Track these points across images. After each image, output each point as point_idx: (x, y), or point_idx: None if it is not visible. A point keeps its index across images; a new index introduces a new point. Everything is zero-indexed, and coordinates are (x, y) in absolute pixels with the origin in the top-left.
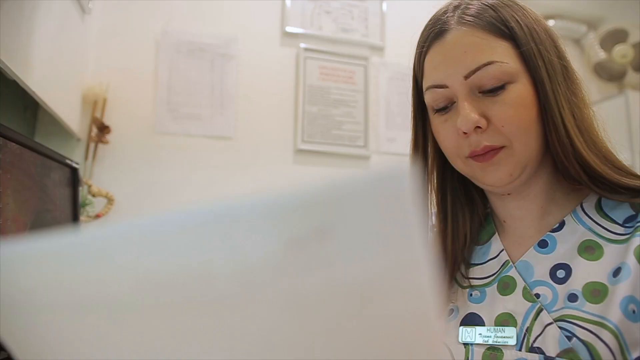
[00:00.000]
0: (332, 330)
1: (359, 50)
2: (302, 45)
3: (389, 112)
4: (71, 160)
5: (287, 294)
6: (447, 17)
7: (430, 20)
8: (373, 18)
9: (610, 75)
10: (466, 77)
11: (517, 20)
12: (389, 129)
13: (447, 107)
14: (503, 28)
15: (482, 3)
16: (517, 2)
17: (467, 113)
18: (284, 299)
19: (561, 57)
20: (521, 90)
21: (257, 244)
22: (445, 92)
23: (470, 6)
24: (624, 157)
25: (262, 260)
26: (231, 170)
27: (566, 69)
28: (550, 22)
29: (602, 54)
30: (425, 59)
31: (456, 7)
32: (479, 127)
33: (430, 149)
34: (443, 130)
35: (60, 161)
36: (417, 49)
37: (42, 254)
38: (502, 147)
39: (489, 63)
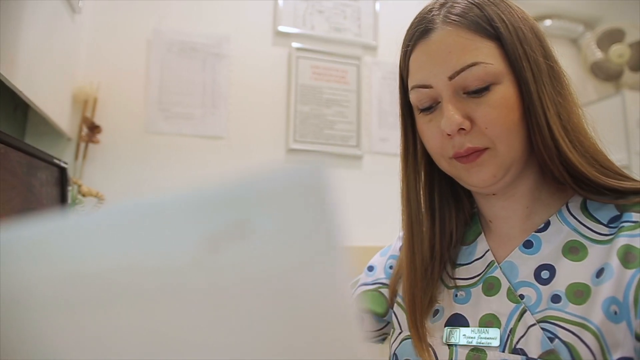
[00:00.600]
0: (252, 326)
1: (351, 50)
2: (295, 44)
3: (382, 111)
4: (59, 160)
5: (209, 288)
6: (433, 15)
7: (415, 18)
8: (366, 18)
9: (607, 75)
10: (450, 77)
11: (502, 19)
12: (382, 128)
13: (431, 107)
14: (488, 27)
15: (468, 1)
16: (504, 0)
17: (451, 115)
18: (205, 293)
19: (547, 56)
20: (505, 92)
21: (178, 238)
22: (430, 92)
23: (456, 4)
24: (620, 156)
25: (183, 255)
26: (223, 170)
27: (553, 69)
28: (547, 22)
29: (598, 54)
30: (411, 58)
31: (442, 5)
32: (462, 128)
33: (418, 148)
34: (427, 130)
35: (48, 161)
36: (402, 48)
37: None
38: (485, 149)
39: (473, 64)
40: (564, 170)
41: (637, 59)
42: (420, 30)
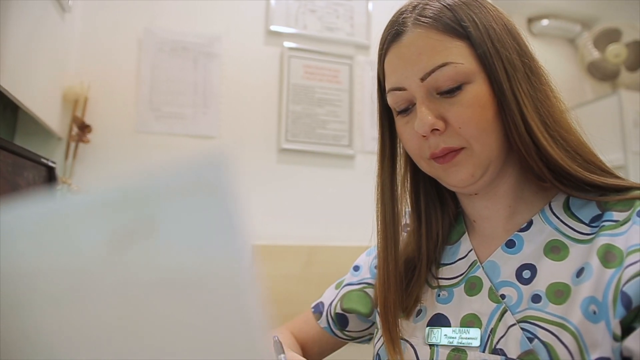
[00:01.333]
0: (163, 324)
1: (344, 49)
2: (287, 44)
3: (374, 111)
4: (47, 159)
5: (119, 287)
6: (404, 18)
7: (389, 21)
8: (358, 17)
9: (604, 74)
10: (422, 79)
11: (473, 19)
12: (374, 128)
13: (408, 109)
14: (458, 28)
15: (439, 3)
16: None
17: (424, 116)
18: (116, 293)
19: (523, 53)
20: (477, 90)
21: (88, 238)
22: (405, 94)
23: (427, 7)
24: (616, 156)
25: (94, 253)
26: None
27: (529, 66)
28: (544, 22)
29: (595, 54)
30: (385, 61)
31: (414, 8)
32: (436, 129)
33: (402, 150)
34: (405, 132)
35: (35, 160)
36: (378, 51)
37: None
38: (461, 149)
39: (443, 64)
40: (544, 166)
41: (634, 58)
42: (392, 34)
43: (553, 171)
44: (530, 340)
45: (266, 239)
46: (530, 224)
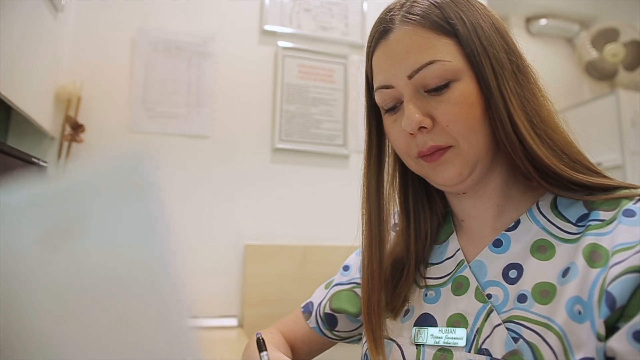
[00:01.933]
0: (93, 325)
1: (338, 49)
2: (281, 43)
3: None
4: (38, 159)
5: (52, 287)
6: (392, 15)
7: (377, 19)
8: (353, 16)
9: (602, 74)
10: (410, 76)
11: (460, 17)
12: None
13: (396, 107)
14: (445, 25)
15: (427, 1)
16: None
17: (411, 114)
18: (49, 293)
19: (511, 52)
20: (465, 88)
21: (20, 237)
22: (392, 92)
23: (415, 4)
24: (614, 156)
25: (26, 253)
26: (208, 169)
27: (516, 64)
28: (543, 22)
29: (593, 53)
30: (372, 59)
31: (402, 5)
32: (424, 127)
33: (390, 150)
34: (393, 130)
35: (26, 160)
36: (366, 49)
37: None
38: (449, 147)
39: (431, 62)
40: (530, 165)
41: (632, 58)
42: (380, 31)
43: (539, 170)
44: (515, 340)
45: (260, 239)
46: (517, 223)
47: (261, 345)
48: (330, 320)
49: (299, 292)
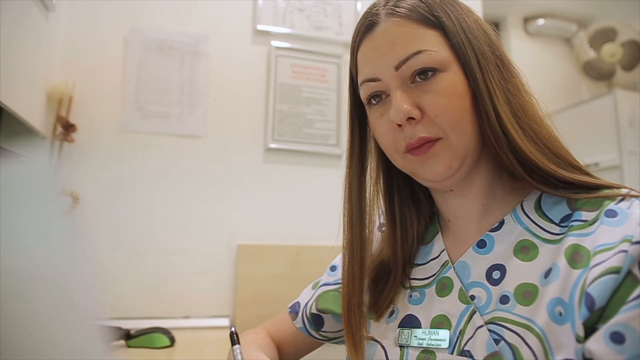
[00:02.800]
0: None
1: (332, 48)
2: (274, 43)
3: None
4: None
5: None
6: (377, 10)
7: (362, 15)
8: (347, 16)
9: (599, 74)
10: (397, 67)
11: (445, 11)
12: None
13: (381, 99)
14: (431, 17)
15: None
16: None
17: (399, 104)
18: None
19: (494, 47)
20: (453, 79)
21: None
22: (379, 84)
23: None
24: (612, 156)
25: None
26: (200, 169)
27: (500, 59)
28: (540, 21)
29: (591, 53)
30: (358, 54)
31: (387, 1)
32: (412, 118)
33: (373, 151)
34: (379, 125)
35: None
36: (350, 45)
37: None
38: (438, 139)
39: (418, 52)
40: (515, 160)
41: (629, 58)
42: (365, 25)
43: (523, 165)
44: (497, 341)
45: (253, 238)
46: (502, 223)
47: (234, 340)
48: (316, 320)
49: (292, 292)
